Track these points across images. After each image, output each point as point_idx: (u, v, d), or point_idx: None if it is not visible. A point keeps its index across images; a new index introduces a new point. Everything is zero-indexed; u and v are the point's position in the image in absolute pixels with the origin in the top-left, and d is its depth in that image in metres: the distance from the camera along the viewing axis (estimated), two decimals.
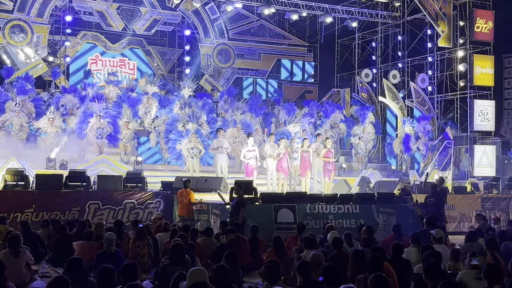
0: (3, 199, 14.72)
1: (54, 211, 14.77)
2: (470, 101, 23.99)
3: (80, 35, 25.49)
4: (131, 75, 25.92)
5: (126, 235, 11.19)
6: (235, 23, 27.90)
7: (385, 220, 13.93)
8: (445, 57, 25.19)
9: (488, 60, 24.39)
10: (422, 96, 25.58)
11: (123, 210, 15.51)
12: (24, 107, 20.03)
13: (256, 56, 28.65)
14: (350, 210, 14.26)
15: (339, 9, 26.30)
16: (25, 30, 23.84)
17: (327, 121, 24.11)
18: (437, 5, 24.22)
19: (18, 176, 15.60)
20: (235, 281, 7.01)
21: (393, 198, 15.62)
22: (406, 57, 26.91)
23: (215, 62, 27.48)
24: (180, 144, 19.73)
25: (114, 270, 6.20)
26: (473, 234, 10.78)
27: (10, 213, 14.05)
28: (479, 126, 23.73)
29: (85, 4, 25.13)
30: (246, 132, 20.65)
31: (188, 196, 15.15)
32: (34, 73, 23.04)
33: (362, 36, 28.69)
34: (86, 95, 21.67)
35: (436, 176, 21.41)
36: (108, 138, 19.90)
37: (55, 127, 19.49)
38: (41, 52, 24.13)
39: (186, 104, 22.20)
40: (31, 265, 9.82)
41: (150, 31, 26.61)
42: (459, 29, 24.26)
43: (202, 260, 8.74)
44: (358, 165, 23.22)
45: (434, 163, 23.50)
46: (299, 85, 29.48)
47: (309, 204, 14.13)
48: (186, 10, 26.60)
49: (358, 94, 27.91)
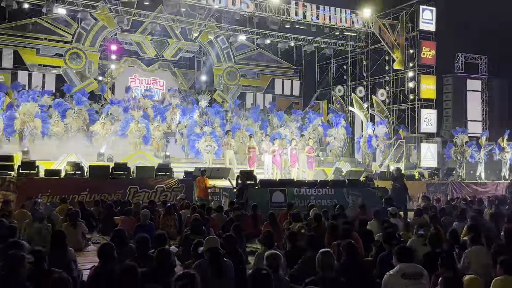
0: (64, 184, 14.84)
1: (102, 194, 14.77)
2: (417, 110, 24.01)
3: (123, 60, 25.45)
4: (161, 90, 25.88)
5: (158, 211, 11.21)
6: (239, 51, 27.88)
7: (353, 200, 13.95)
8: (399, 77, 25.17)
9: (431, 79, 24.38)
10: (381, 106, 25.60)
11: (155, 192, 15.51)
12: (80, 114, 20.10)
13: (255, 76, 28.64)
14: (327, 193, 14.26)
15: (319, 40, 26.25)
16: (80, 56, 23.89)
17: (310, 125, 24.14)
18: (392, 37, 24.22)
19: (76, 167, 15.67)
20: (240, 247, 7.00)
21: (360, 184, 15.61)
22: (369, 77, 26.89)
23: (225, 80, 27.50)
24: (198, 143, 19.78)
25: (149, 238, 6.22)
26: (420, 211, 10.81)
27: (70, 195, 14.03)
28: (424, 129, 23.76)
29: (126, 37, 25.14)
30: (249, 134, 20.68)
31: (204, 182, 15.17)
32: (88, 89, 23.02)
33: (336, 61, 28.65)
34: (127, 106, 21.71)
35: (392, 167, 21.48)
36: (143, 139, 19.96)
37: (105, 130, 19.57)
38: (93, 73, 24.13)
39: (203, 112, 22.25)
40: (86, 235, 9.88)
41: (175, 57, 26.60)
42: (409, 55, 24.25)
43: (215, 230, 8.74)
44: (333, 158, 23.20)
45: (390, 157, 23.53)
46: (288, 98, 29.38)
47: (296, 188, 14.12)
48: (202, 41, 26.59)
49: (333, 105, 27.91)
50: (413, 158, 23.50)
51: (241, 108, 25.55)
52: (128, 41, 25.46)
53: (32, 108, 18.87)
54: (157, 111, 21.72)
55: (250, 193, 13.43)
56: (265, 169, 18.92)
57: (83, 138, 19.74)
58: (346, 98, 27.61)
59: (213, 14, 23.25)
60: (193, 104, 23.35)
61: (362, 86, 26.93)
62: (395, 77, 25.44)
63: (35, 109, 19.03)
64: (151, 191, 15.46)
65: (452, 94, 27.50)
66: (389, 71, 25.66)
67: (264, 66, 28.91)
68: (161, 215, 10.76)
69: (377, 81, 26.65)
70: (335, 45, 26.81)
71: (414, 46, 24.07)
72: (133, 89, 25.06)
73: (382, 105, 25.53)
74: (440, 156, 23.77)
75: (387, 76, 25.90)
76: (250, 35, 25.39)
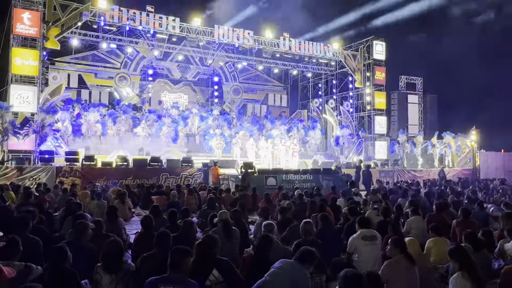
0: (116, 172, 14.89)
1: (142, 179, 14.83)
2: (373, 117, 23.98)
3: (156, 81, 25.36)
4: (184, 103, 25.85)
5: (183, 192, 11.24)
6: (242, 73, 27.73)
7: (327, 183, 13.98)
8: (359, 92, 25.13)
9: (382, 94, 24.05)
10: (347, 114, 25.61)
11: (181, 178, 15.54)
12: (127, 121, 20.14)
13: (254, 92, 28.52)
14: (307, 178, 14.30)
15: (300, 66, 26.21)
16: (126, 78, 23.82)
17: (294, 128, 24.18)
18: (354, 64, 24.18)
19: (123, 159, 15.73)
20: (244, 218, 7.05)
21: (331, 171, 15.70)
22: (337, 92, 26.86)
23: (232, 95, 27.40)
24: (211, 141, 19.84)
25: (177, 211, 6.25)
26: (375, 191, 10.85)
27: (119, 180, 14.11)
28: (378, 131, 23.70)
29: (159, 64, 25.02)
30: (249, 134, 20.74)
31: (217, 171, 15.22)
32: (132, 102, 23.02)
33: (313, 80, 28.56)
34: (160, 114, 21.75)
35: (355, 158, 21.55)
36: (172, 138, 20.00)
37: (144, 132, 19.63)
38: (135, 91, 24.06)
39: (215, 118, 22.27)
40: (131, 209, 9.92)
41: (195, 78, 26.48)
42: (366, 77, 24.19)
43: (225, 206, 8.80)
44: (311, 153, 23.25)
45: (353, 151, 23.56)
46: (278, 108, 29.28)
47: (284, 174, 14.18)
48: (215, 66, 26.51)
49: (311, 113, 27.89)
50: (370, 152, 23.53)
51: (243, 115, 25.59)
52: (160, 67, 25.37)
53: (95, 117, 19.01)
54: (181, 118, 21.72)
55: (250, 178, 13.47)
56: (261, 161, 19.00)
57: (128, 138, 19.80)
58: (321, 108, 27.57)
59: (223, 46, 23.19)
60: (208, 113, 23.37)
61: (333, 99, 26.89)
62: (356, 93, 25.42)
63: (97, 117, 19.16)
64: (177, 177, 15.49)
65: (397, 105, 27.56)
66: (352, 88, 25.63)
67: (260, 84, 28.80)
68: (185, 195, 10.80)
69: (344, 96, 26.64)
70: (312, 69, 26.77)
71: (370, 70, 24.05)
72: (164, 102, 25.03)
73: (347, 113, 25.54)
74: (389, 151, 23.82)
75: (351, 92, 25.87)
76: (250, 62, 25.31)
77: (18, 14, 15.54)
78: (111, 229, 5.55)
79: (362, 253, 4.85)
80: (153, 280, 3.23)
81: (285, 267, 3.52)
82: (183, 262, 3.26)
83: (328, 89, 27.84)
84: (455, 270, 3.82)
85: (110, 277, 3.72)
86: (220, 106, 25.92)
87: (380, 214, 6.64)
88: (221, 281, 3.61)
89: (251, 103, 28.40)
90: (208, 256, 3.68)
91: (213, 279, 3.58)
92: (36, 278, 3.41)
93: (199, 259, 3.64)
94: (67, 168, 14.17)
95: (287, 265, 3.56)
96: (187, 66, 25.81)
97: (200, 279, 3.47)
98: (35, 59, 15.69)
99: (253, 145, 19.44)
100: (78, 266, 3.77)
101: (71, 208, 6.74)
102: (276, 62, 25.42)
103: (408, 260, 4.15)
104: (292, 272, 3.51)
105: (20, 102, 15.27)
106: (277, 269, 3.52)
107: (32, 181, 13.18)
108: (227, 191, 11.25)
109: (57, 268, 3.51)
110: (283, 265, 3.55)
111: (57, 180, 13.19)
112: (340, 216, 7.48)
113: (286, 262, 3.60)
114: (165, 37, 20.20)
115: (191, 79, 26.39)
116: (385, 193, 10.11)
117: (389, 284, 3.93)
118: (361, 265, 4.71)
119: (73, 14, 17.13)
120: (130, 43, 21.89)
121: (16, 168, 13.55)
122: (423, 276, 4.28)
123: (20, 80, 15.66)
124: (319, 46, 23.23)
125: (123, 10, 18.46)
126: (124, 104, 22.09)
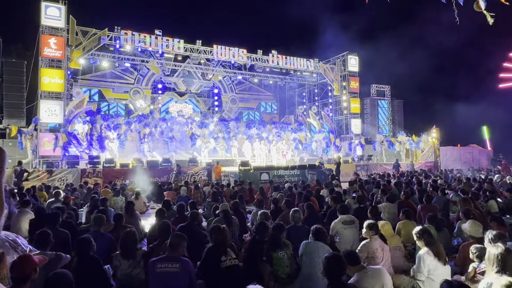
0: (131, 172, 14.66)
1: (155, 177, 14.74)
2: (349, 120, 24.07)
3: (165, 93, 25.27)
4: (189, 112, 25.76)
5: (190, 188, 11.23)
6: (238, 85, 27.71)
7: (311, 177, 14.04)
8: (337, 99, 25.23)
9: (357, 101, 24.27)
10: (327, 118, 25.68)
11: (188, 176, 15.50)
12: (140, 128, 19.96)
13: (249, 101, 28.52)
14: (295, 173, 14.28)
15: (287, 78, 26.28)
16: (139, 92, 23.68)
17: (283, 131, 24.16)
18: (332, 75, 24.27)
19: (138, 161, 15.59)
20: (242, 208, 7.05)
21: (315, 167, 15.75)
22: (319, 99, 26.96)
23: (229, 104, 27.34)
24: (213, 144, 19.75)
25: (185, 204, 6.25)
26: (352, 182, 10.89)
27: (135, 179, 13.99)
28: (354, 131, 23.74)
29: (167, 79, 24.91)
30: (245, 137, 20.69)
31: (218, 168, 15.18)
32: (144, 112, 22.85)
33: (298, 90, 28.67)
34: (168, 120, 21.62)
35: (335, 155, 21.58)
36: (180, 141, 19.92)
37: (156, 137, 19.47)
38: (147, 102, 23.94)
39: (216, 124, 22.17)
40: (146, 203, 9.88)
41: (198, 91, 26.37)
42: (343, 86, 24.27)
43: (226, 199, 8.80)
44: (299, 151, 23.27)
45: (334, 149, 23.62)
46: (269, 114, 29.31)
47: (276, 170, 14.17)
48: (215, 80, 26.46)
49: (297, 118, 27.92)
50: (347, 150, 23.61)
51: (240, 121, 25.54)
52: (168, 82, 25.24)
53: (113, 134, 18.71)
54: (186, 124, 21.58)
55: (247, 174, 13.49)
56: (256, 159, 18.99)
57: (142, 143, 19.61)
58: (305, 113, 27.63)
59: (221, 63, 23.18)
60: (209, 119, 23.32)
61: (315, 105, 26.96)
62: (335, 100, 25.52)
63: (114, 135, 18.82)
64: (185, 175, 15.45)
65: (369, 109, 27.60)
66: (331, 96, 25.75)
67: (254, 94, 28.76)
68: (192, 190, 10.79)
69: (324, 102, 26.73)
70: (297, 80, 26.86)
71: (346, 80, 24.15)
72: (171, 111, 24.94)
73: (328, 117, 25.61)
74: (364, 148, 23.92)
75: (330, 99, 25.98)
76: (245, 75, 25.33)
77: (45, 40, 15.59)
78: (130, 221, 5.54)
79: (342, 236, 4.87)
80: (153, 261, 3.33)
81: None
82: (179, 245, 3.40)
83: (311, 97, 27.92)
84: (421, 247, 3.85)
85: (128, 262, 3.72)
86: (220, 113, 25.88)
87: (357, 202, 6.67)
88: (234, 257, 3.76)
89: (246, 111, 28.38)
90: (223, 240, 3.85)
91: (229, 257, 3.71)
92: (65, 265, 3.39)
93: (218, 242, 3.83)
94: (91, 170, 14.09)
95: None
96: (191, 80, 25.73)
97: (217, 260, 3.64)
98: (60, 77, 15.74)
99: (248, 146, 19.43)
100: (100, 253, 3.80)
101: (95, 204, 6.71)
102: (267, 75, 25.44)
103: (381, 240, 4.18)
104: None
105: (49, 114, 15.51)
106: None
107: (60, 182, 13.11)
108: (227, 186, 11.25)
109: (83, 256, 3.50)
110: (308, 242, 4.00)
111: (82, 180, 13.11)
112: (323, 204, 7.51)
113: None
114: (171, 56, 20.19)
115: (195, 91, 26.28)
116: (361, 184, 10.14)
117: (366, 261, 3.95)
118: (341, 245, 4.73)
119: (93, 38, 17.13)
120: (142, 62, 21.80)
121: (46, 171, 13.47)
122: (394, 253, 4.31)
123: (48, 96, 15.71)
124: (302, 61, 23.32)
125: (135, 34, 18.48)
126: (137, 114, 21.97)
